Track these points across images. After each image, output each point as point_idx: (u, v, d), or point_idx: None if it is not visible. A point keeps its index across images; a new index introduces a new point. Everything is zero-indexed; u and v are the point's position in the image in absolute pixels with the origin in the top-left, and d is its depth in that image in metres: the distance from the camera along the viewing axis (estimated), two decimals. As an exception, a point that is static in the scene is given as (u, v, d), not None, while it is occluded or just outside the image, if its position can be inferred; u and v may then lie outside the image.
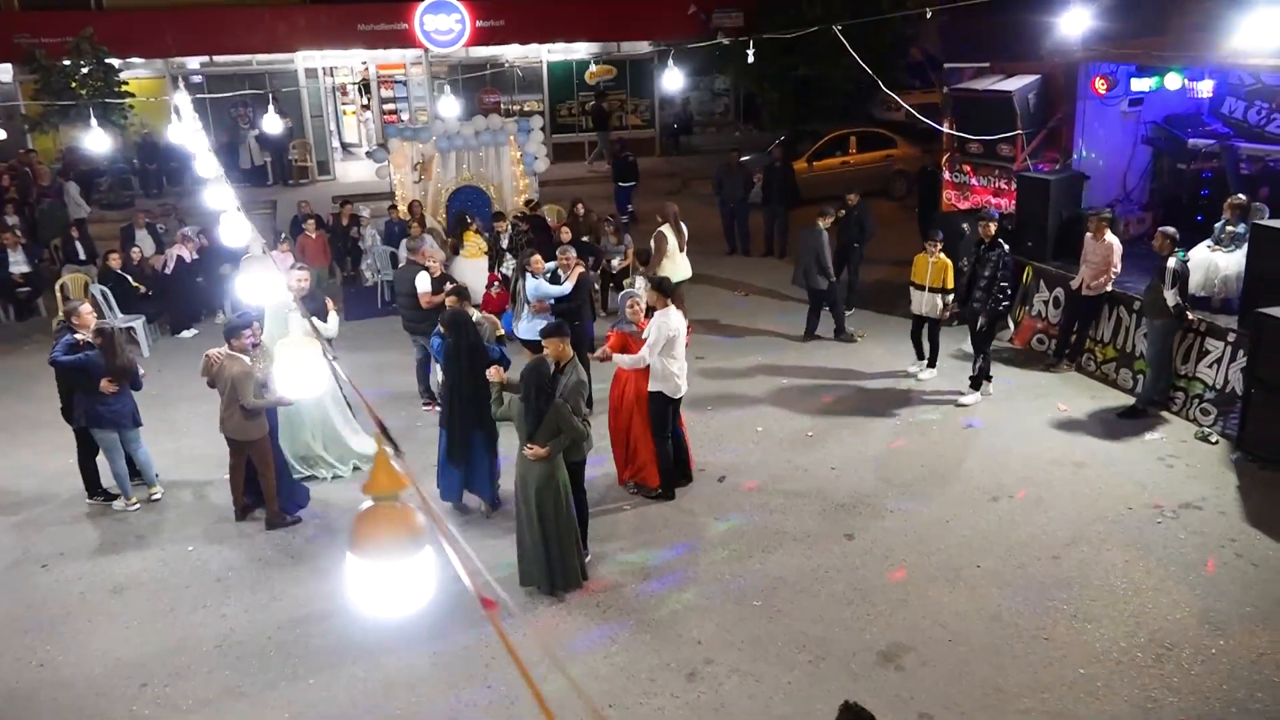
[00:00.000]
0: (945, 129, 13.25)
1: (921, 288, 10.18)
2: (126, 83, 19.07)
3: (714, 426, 9.50)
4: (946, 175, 13.58)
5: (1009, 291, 9.75)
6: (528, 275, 9.53)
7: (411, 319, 9.88)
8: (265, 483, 7.82)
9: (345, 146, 23.71)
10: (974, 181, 13.07)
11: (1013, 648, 6.23)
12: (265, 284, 6.05)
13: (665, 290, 7.98)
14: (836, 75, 20.44)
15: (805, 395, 10.27)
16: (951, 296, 9.92)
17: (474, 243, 13.10)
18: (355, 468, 8.85)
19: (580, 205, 13.74)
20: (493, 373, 7.05)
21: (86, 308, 8.28)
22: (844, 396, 10.21)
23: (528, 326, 9.53)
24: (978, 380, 9.90)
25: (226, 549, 7.73)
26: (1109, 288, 10.15)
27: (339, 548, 7.68)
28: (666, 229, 12.04)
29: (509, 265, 12.37)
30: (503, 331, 8.06)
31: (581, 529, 7.21)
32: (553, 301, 9.46)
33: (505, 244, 12.45)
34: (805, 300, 13.47)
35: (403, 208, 14.86)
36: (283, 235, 14.21)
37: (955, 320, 10.18)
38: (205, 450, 9.19)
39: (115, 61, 18.74)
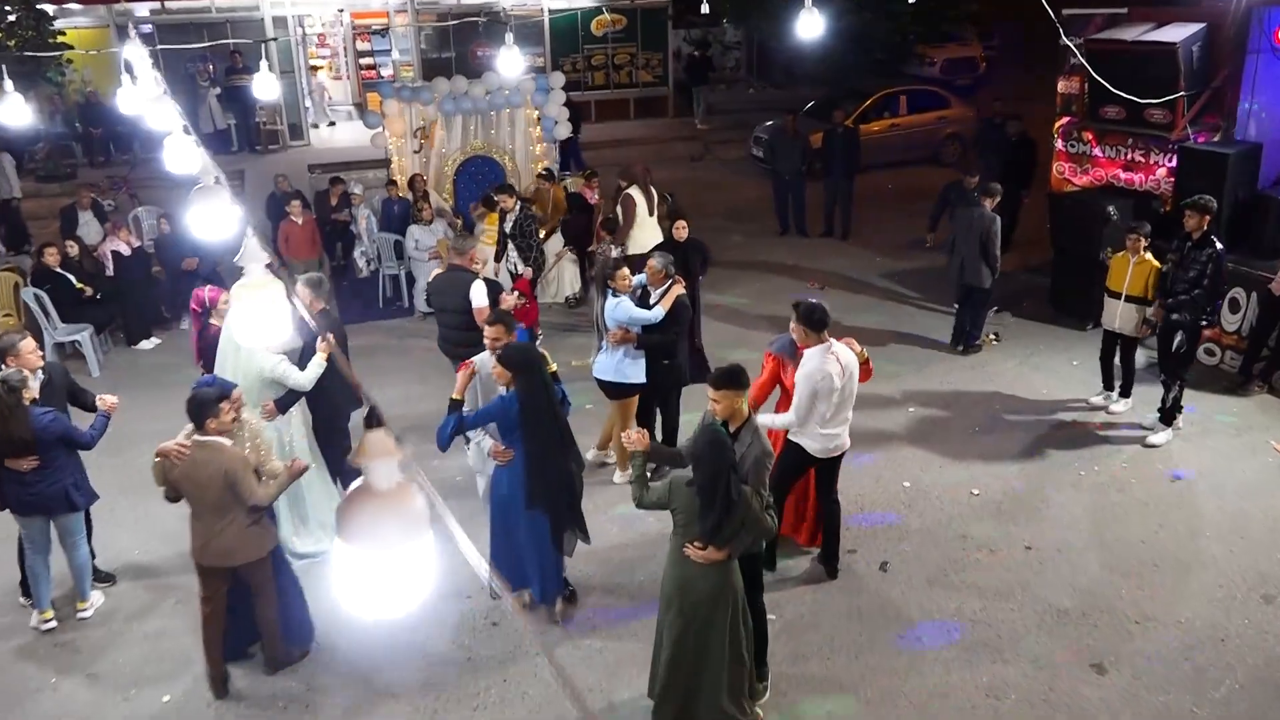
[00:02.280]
0: (1062, 87, 11.07)
1: (1117, 295, 8.04)
2: (63, 33, 16.24)
3: (846, 482, 7.27)
4: (1059, 144, 11.39)
5: (1219, 303, 7.65)
6: (608, 294, 7.17)
7: (456, 340, 7.48)
8: (265, 616, 5.44)
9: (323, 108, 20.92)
10: (1096, 152, 10.90)
11: None
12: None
13: (815, 323, 5.70)
14: (882, 26, 18.19)
15: (947, 431, 8.12)
16: (1152, 309, 7.78)
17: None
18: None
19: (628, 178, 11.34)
20: (636, 438, 4.88)
21: (29, 345, 5.88)
22: (997, 433, 8.08)
23: (607, 362, 7.23)
24: (1170, 414, 7.81)
25: (221, 699, 5.44)
26: (1322, 291, 8.11)
27: (370, 682, 5.46)
28: (634, 191, 10.11)
29: (513, 258, 9.99)
30: (554, 366, 5.82)
31: (758, 648, 5.15)
32: (639, 330, 7.16)
33: (509, 227, 9.97)
34: (894, 296, 11.37)
35: (402, 182, 12.42)
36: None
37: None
38: (177, 522, 6.86)
39: (49, 8, 15.91)
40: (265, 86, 7.07)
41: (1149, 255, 7.88)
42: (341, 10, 19.91)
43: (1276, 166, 10.00)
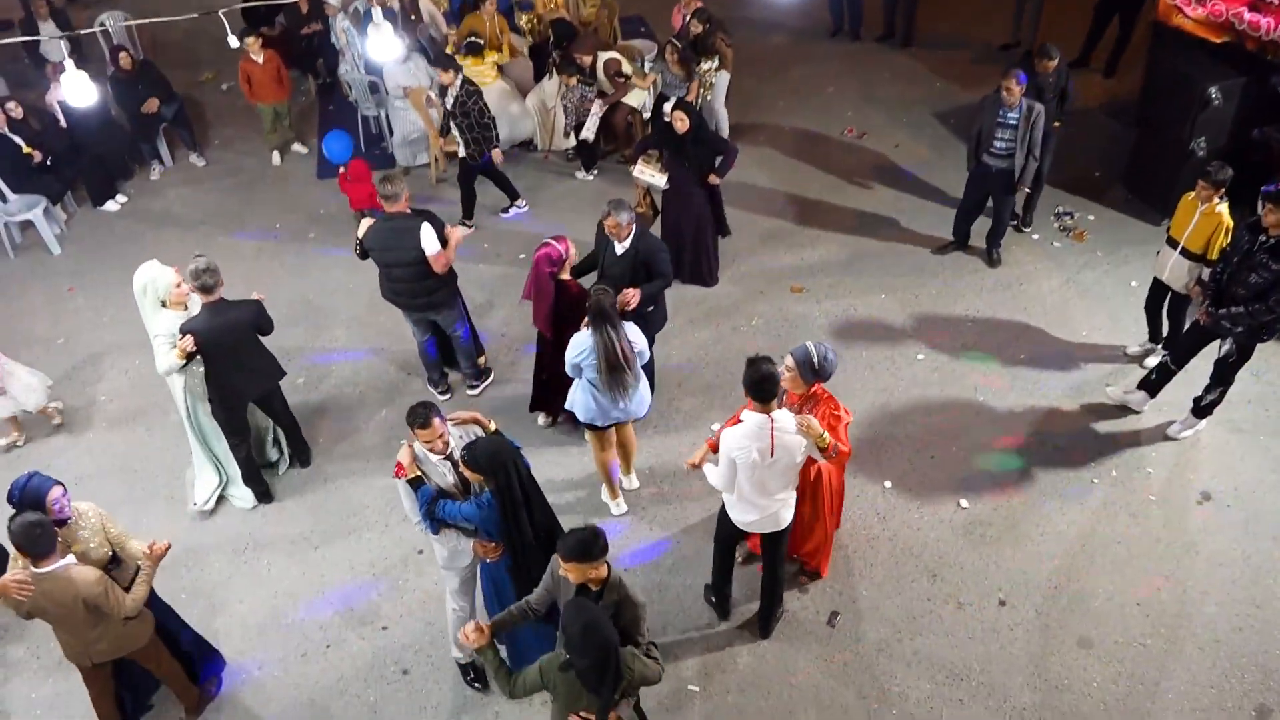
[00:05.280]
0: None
1: (1174, 244, 6.58)
2: None
3: (821, 475, 6.53)
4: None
5: None
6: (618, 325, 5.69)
7: (413, 293, 6.71)
8: (166, 676, 5.22)
9: None
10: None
11: None
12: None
13: (762, 393, 4.71)
14: None
15: (952, 399, 7.06)
16: (1200, 307, 6.33)
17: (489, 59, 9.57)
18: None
19: None
20: (474, 636, 4.23)
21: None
22: (1009, 404, 6.99)
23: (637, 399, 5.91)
24: (1206, 409, 6.55)
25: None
26: None
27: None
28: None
29: (458, 140, 8.62)
30: (492, 425, 5.05)
31: None
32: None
33: (450, 103, 8.47)
34: (947, 154, 9.62)
35: (386, -16, 10.69)
36: None
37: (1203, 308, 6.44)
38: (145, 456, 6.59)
39: None
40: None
41: (1221, 209, 6.28)
42: None
43: None
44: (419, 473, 4.74)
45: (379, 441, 7.09)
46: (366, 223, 6.65)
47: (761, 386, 4.71)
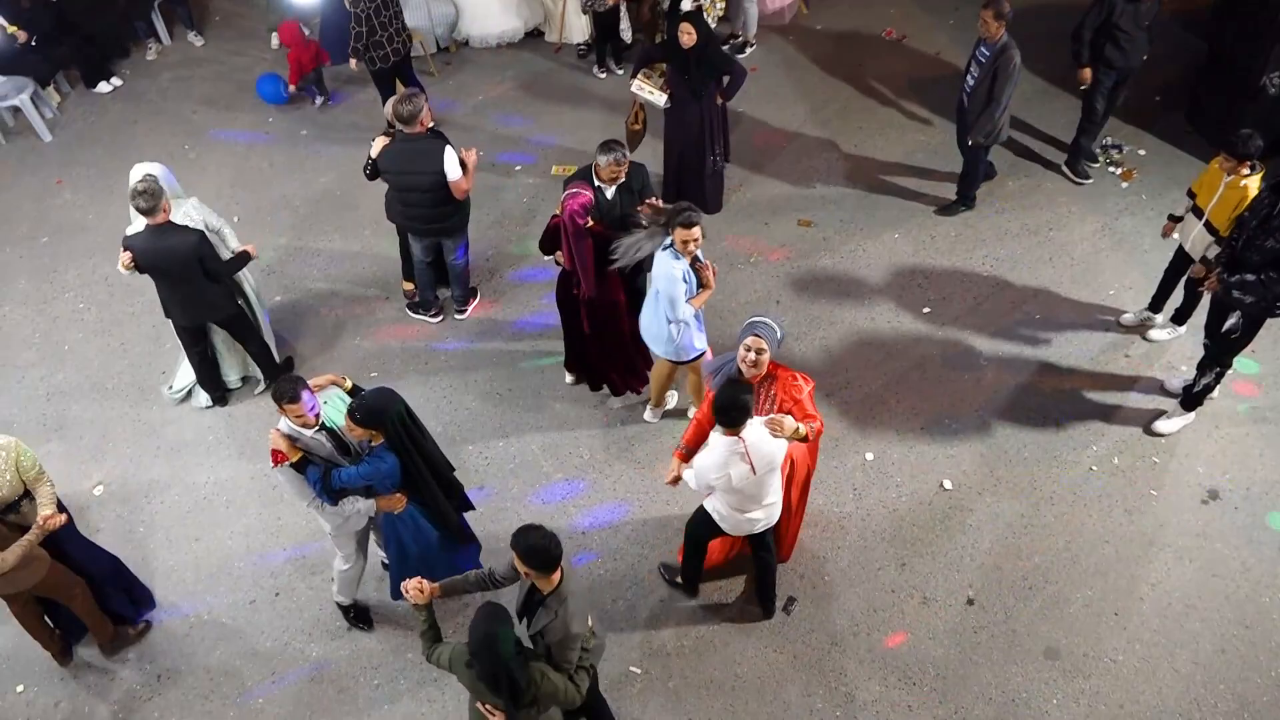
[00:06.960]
0: None
1: (1200, 214, 5.87)
2: None
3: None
4: None
5: None
6: (669, 248, 5.34)
7: (428, 217, 6.47)
8: (82, 611, 5.23)
9: None
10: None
11: None
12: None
13: (728, 420, 4.38)
14: None
15: (953, 364, 6.56)
16: (1207, 279, 5.63)
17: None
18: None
19: None
20: (414, 592, 4.12)
21: None
22: (1013, 371, 6.47)
23: (657, 331, 5.66)
24: (1196, 399, 5.98)
25: (77, 689, 5.43)
26: None
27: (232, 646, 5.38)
28: None
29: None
30: (348, 383, 5.01)
31: None
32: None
33: None
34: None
35: None
36: None
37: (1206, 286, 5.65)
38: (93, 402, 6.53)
39: None
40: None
41: (1249, 183, 5.52)
42: None
43: None
44: (300, 453, 4.57)
45: (350, 371, 6.84)
46: (381, 141, 6.25)
47: (730, 414, 4.38)
